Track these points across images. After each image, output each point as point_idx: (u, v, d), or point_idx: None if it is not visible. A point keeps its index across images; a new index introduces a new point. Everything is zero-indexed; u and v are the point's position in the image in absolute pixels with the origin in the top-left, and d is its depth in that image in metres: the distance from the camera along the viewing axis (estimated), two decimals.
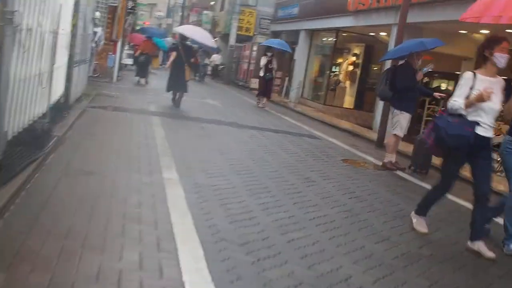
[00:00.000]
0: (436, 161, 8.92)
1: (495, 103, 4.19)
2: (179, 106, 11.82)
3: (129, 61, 21.66)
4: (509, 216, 4.45)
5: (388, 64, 10.84)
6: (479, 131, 4.19)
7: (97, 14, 12.95)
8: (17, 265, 2.73)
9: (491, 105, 4.15)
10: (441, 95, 8.68)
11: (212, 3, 38.13)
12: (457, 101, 4.23)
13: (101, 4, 14.48)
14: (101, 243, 3.18)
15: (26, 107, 5.04)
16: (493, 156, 4.64)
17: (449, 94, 14.99)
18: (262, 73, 15.53)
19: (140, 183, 4.68)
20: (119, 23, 15.48)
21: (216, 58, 26.38)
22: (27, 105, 5.05)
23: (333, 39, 18.75)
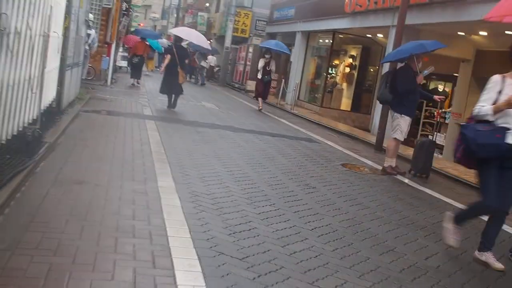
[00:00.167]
0: (436, 165, 8.80)
1: None
2: (175, 107, 11.81)
3: (124, 64, 21.53)
4: None
5: (386, 66, 10.71)
6: (509, 139, 3.82)
7: (91, 16, 12.77)
8: (2, 287, 2.55)
9: None
10: (441, 98, 8.54)
11: (207, 4, 37.97)
12: (485, 106, 3.94)
13: (95, 6, 14.31)
14: (92, 259, 2.99)
15: (15, 113, 4.86)
16: None
17: (445, 96, 14.87)
18: (260, 75, 15.28)
19: (134, 193, 4.48)
20: (113, 25, 15.27)
21: (211, 59, 26.15)
22: (16, 111, 4.87)
23: (329, 40, 18.63)
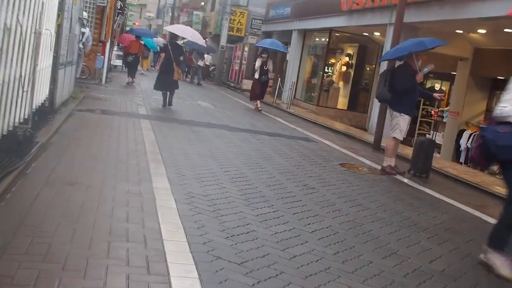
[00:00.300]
0: (435, 164, 8.69)
1: None
2: (171, 104, 11.75)
3: (118, 63, 21.35)
4: None
5: (384, 64, 10.60)
6: None
7: (85, 14, 12.60)
8: None
9: None
10: (441, 96, 8.44)
11: (202, 3, 37.79)
12: (507, 107, 3.78)
13: (89, 4, 14.14)
14: (83, 265, 2.85)
15: (5, 112, 4.71)
16: None
17: (443, 93, 14.77)
18: (257, 75, 15.09)
19: (128, 194, 4.34)
20: (107, 24, 15.08)
21: (206, 58, 25.97)
22: (6, 110, 4.72)
23: (326, 39, 18.51)
